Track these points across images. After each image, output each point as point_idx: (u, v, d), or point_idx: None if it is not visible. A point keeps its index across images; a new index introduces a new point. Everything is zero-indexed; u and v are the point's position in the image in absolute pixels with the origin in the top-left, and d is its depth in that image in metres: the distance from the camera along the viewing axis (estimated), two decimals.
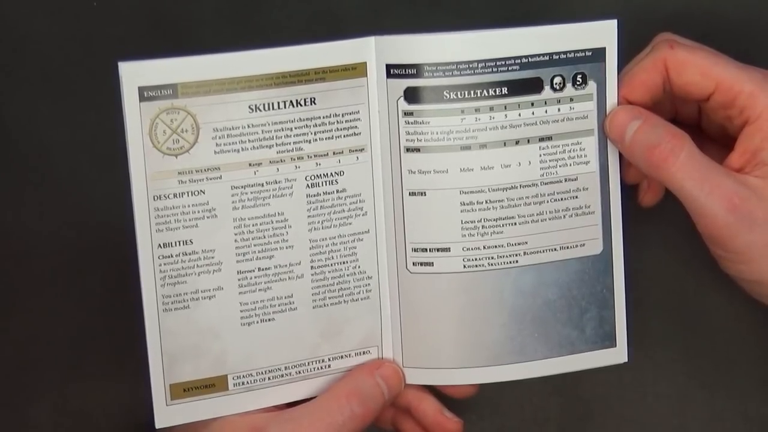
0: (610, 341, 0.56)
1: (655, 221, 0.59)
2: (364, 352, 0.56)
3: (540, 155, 0.54)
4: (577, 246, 0.55)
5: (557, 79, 0.53)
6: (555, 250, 0.54)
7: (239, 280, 0.54)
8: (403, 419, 0.57)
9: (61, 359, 0.60)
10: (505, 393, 0.61)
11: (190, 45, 0.60)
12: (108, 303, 0.60)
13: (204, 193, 0.53)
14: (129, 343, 0.57)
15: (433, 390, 0.57)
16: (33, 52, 0.60)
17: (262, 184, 0.53)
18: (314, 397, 0.55)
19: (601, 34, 0.53)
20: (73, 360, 0.60)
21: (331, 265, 0.55)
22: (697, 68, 0.52)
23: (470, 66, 0.53)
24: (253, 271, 0.54)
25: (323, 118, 0.53)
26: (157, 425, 0.54)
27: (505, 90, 0.53)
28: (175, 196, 0.52)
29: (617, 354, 0.56)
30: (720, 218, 0.50)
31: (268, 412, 0.55)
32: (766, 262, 0.51)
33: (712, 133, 0.56)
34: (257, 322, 0.54)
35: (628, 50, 0.54)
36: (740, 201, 0.50)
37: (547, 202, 0.54)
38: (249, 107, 0.52)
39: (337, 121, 0.54)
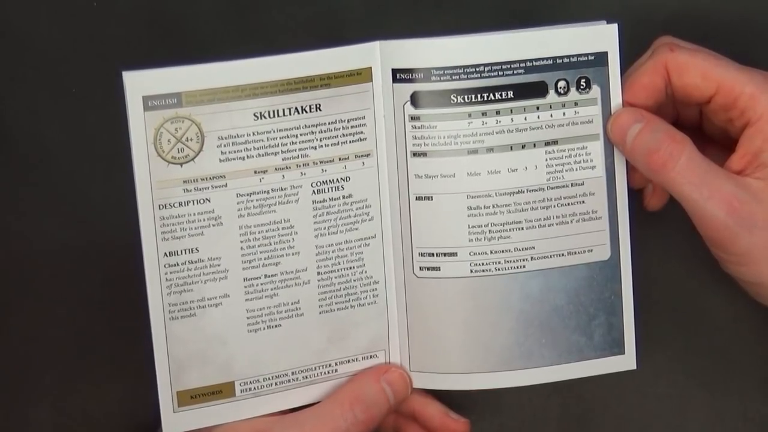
0: (618, 348, 0.56)
1: (652, 223, 0.59)
2: (371, 356, 0.56)
3: (546, 159, 0.54)
4: (584, 251, 0.55)
5: (561, 83, 0.53)
6: (562, 255, 0.54)
7: (245, 287, 0.53)
8: (406, 424, 0.57)
9: (61, 359, 0.60)
10: (506, 393, 0.61)
11: (190, 45, 0.60)
12: (109, 304, 0.60)
13: (209, 201, 0.52)
14: (130, 343, 0.58)
15: (436, 391, 0.57)
16: (33, 53, 0.60)
17: (268, 192, 0.53)
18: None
19: (602, 38, 0.53)
20: (73, 360, 0.60)
21: (338, 270, 0.55)
22: (698, 71, 0.52)
23: (477, 69, 0.52)
24: (260, 278, 0.54)
25: (328, 124, 0.53)
26: None
27: (510, 93, 0.53)
28: (180, 204, 0.52)
29: (626, 361, 0.56)
30: (720, 222, 0.51)
31: (271, 416, 0.55)
32: (767, 264, 0.51)
33: (713, 135, 0.56)
34: (264, 329, 0.54)
35: (628, 52, 0.54)
36: (740, 204, 0.50)
37: (554, 206, 0.54)
38: (254, 115, 0.52)
39: (343, 127, 0.53)
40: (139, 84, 0.51)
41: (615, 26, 0.53)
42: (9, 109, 0.60)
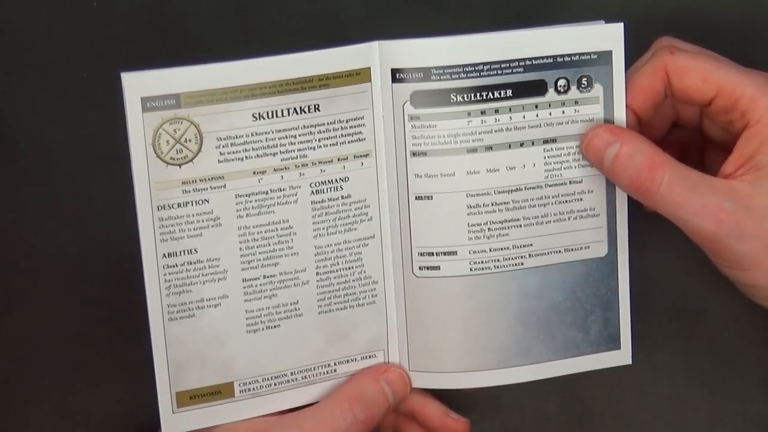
0: (614, 343, 0.56)
1: (653, 222, 0.59)
2: (370, 356, 0.56)
3: (544, 157, 0.54)
4: (581, 248, 0.55)
5: (561, 82, 0.53)
6: (560, 252, 0.55)
7: (244, 287, 0.53)
8: (405, 424, 0.58)
9: (61, 359, 0.60)
10: (506, 393, 0.61)
11: (189, 45, 0.60)
12: (109, 304, 0.60)
13: (208, 202, 0.52)
14: (129, 343, 0.58)
15: (436, 391, 0.57)
16: (33, 53, 0.60)
17: (267, 192, 0.53)
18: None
19: (607, 37, 0.53)
20: (73, 360, 0.60)
21: (337, 270, 0.55)
22: (698, 73, 0.52)
23: (476, 68, 0.52)
24: (259, 278, 0.54)
25: (327, 124, 0.53)
26: None
27: (509, 92, 0.53)
28: (179, 205, 0.52)
29: (621, 356, 0.56)
30: (709, 234, 0.50)
31: (271, 416, 0.55)
32: (762, 269, 0.51)
33: (713, 135, 0.56)
34: (263, 329, 0.54)
35: (627, 52, 0.54)
36: (727, 216, 0.50)
37: (552, 204, 0.54)
38: (252, 115, 0.52)
39: (342, 128, 0.53)
40: (137, 85, 0.51)
41: (621, 25, 0.53)
42: (9, 109, 0.60)
